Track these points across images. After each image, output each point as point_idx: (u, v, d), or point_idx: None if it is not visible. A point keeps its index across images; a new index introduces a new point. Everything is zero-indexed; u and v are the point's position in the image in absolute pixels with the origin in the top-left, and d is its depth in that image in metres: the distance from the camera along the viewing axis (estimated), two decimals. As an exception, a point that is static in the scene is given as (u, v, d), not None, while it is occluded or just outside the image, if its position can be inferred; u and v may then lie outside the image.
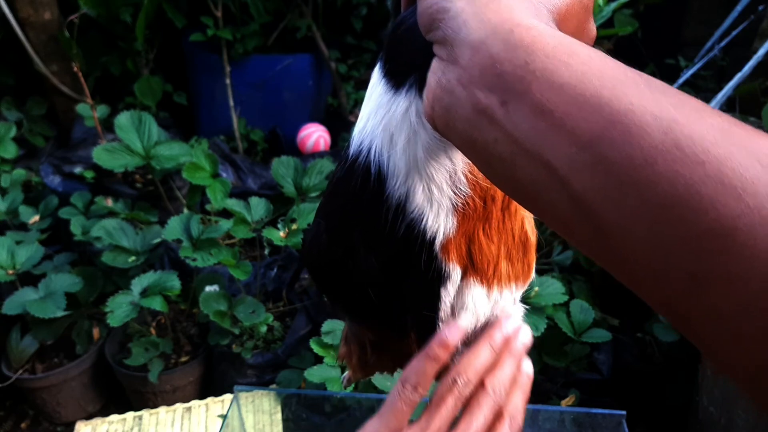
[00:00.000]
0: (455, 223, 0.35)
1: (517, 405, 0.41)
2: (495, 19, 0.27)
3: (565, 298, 1.28)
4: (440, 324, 0.39)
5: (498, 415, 0.40)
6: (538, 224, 0.41)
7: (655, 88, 0.23)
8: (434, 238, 0.35)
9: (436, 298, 0.38)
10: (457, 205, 0.35)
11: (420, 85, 0.32)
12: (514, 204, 0.37)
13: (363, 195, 0.35)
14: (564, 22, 0.29)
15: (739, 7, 1.76)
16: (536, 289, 1.29)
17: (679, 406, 1.42)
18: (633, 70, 0.25)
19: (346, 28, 2.57)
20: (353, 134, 0.37)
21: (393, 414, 0.38)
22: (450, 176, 0.34)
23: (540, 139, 0.24)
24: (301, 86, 2.42)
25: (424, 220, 0.35)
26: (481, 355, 0.39)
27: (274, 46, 2.39)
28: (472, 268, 0.37)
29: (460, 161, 0.34)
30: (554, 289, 1.29)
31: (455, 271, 0.37)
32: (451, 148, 0.33)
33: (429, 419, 0.38)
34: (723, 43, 1.79)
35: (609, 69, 0.24)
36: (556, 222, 0.26)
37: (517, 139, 0.25)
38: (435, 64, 0.29)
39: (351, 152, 0.36)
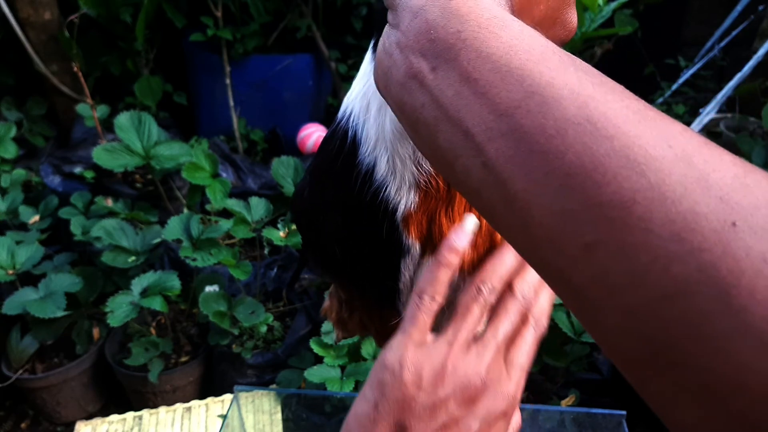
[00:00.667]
0: (417, 199, 0.36)
1: (543, 307, 0.40)
2: None
3: (565, 298, 1.28)
4: (400, 295, 0.40)
5: (524, 318, 0.39)
6: None
7: (580, 68, 0.24)
8: (395, 210, 0.36)
9: (396, 270, 0.39)
10: (419, 182, 0.35)
11: None
12: None
13: (339, 157, 0.37)
14: (527, 8, 0.30)
15: (739, 7, 1.76)
16: (536, 289, 1.29)
17: (679, 406, 1.42)
18: (564, 52, 0.25)
19: (346, 28, 2.57)
20: (344, 99, 0.39)
21: (416, 327, 0.37)
22: (413, 152, 0.35)
23: (463, 105, 0.25)
24: (301, 86, 2.42)
25: (387, 190, 0.35)
26: (506, 261, 0.39)
27: (274, 46, 2.39)
28: (431, 246, 0.38)
29: None
30: (554, 289, 1.29)
31: (414, 247, 0.38)
32: None
33: (456, 330, 0.37)
34: (723, 43, 1.79)
35: (538, 46, 0.25)
36: (468, 189, 0.26)
37: (442, 104, 0.26)
38: (385, 28, 0.30)
39: (338, 116, 0.38)
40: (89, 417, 1.32)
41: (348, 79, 2.64)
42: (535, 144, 0.23)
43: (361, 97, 0.36)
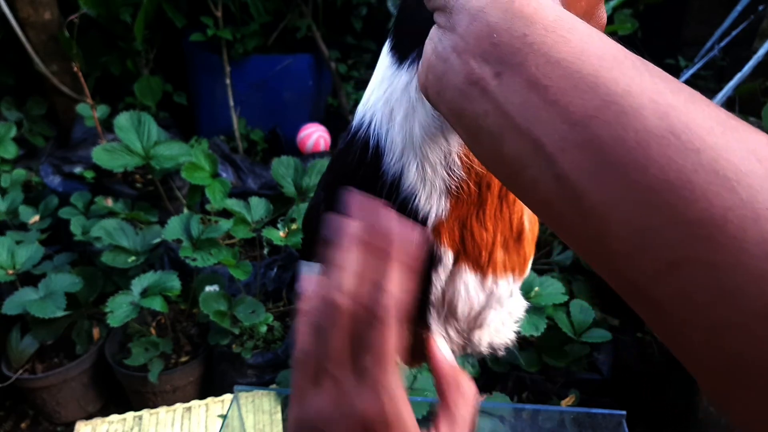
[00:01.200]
0: (448, 206, 0.34)
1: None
2: None
3: (565, 298, 1.28)
4: (431, 307, 0.38)
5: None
6: (540, 224, 0.40)
7: (655, 74, 0.23)
8: (426, 219, 0.34)
9: (427, 281, 0.37)
10: (450, 187, 0.34)
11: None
12: (501, 185, 0.36)
13: (360, 169, 0.35)
14: (573, 3, 0.29)
15: (739, 7, 1.76)
16: (536, 289, 1.29)
17: (679, 406, 1.42)
18: (634, 55, 0.24)
19: (346, 28, 2.58)
20: (358, 108, 0.37)
21: (293, 386, 0.33)
22: (444, 157, 0.33)
23: (531, 114, 0.24)
24: (301, 86, 2.42)
25: (417, 199, 0.34)
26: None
27: (274, 46, 2.39)
28: (464, 254, 0.36)
29: (455, 143, 0.33)
30: (554, 289, 1.29)
31: (447, 256, 0.36)
32: (448, 128, 0.33)
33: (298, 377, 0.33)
34: (723, 43, 1.79)
35: (609, 49, 0.24)
36: (536, 200, 0.26)
37: (507, 112, 0.25)
38: (433, 31, 0.28)
39: (353, 125, 0.36)
40: (89, 417, 1.32)
41: (348, 79, 2.64)
42: (615, 156, 0.22)
43: (383, 103, 0.34)
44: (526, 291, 1.30)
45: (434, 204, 0.34)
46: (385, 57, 0.34)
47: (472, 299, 0.38)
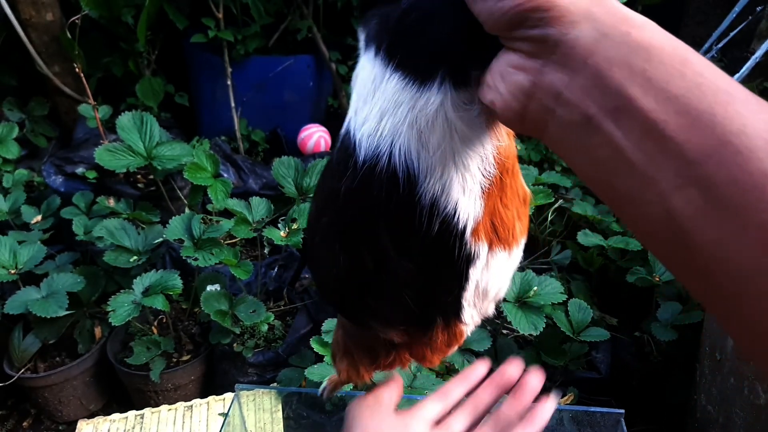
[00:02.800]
0: (482, 204, 0.35)
1: None
2: (608, 20, 0.25)
3: (564, 297, 1.29)
4: (465, 303, 0.39)
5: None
6: (539, 224, 0.42)
7: (765, 109, 0.23)
8: (466, 227, 0.35)
9: (465, 280, 0.37)
10: (483, 187, 0.34)
11: (454, 78, 0.31)
12: (513, 163, 0.37)
13: (390, 202, 0.33)
14: None
15: (737, 8, 1.77)
16: (535, 288, 1.30)
17: (678, 405, 1.43)
18: (745, 89, 0.24)
19: (346, 29, 2.58)
20: (358, 138, 0.33)
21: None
22: (482, 161, 0.34)
23: (647, 151, 0.24)
24: (301, 87, 2.43)
25: (458, 211, 0.34)
26: None
27: (274, 48, 2.40)
28: (497, 239, 0.37)
29: (489, 145, 0.34)
30: (553, 288, 1.30)
31: (483, 249, 0.36)
32: (484, 134, 0.33)
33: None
34: (721, 44, 1.79)
35: (722, 83, 0.24)
36: (643, 230, 0.26)
37: (622, 149, 0.25)
38: (520, 60, 0.28)
39: (363, 159, 0.33)
40: (91, 416, 1.33)
41: (348, 80, 2.64)
42: (729, 197, 0.22)
43: (408, 128, 0.32)
44: (525, 290, 1.31)
45: (472, 209, 0.34)
46: (387, 78, 0.32)
47: (504, 277, 0.39)
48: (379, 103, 0.32)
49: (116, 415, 1.26)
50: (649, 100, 0.24)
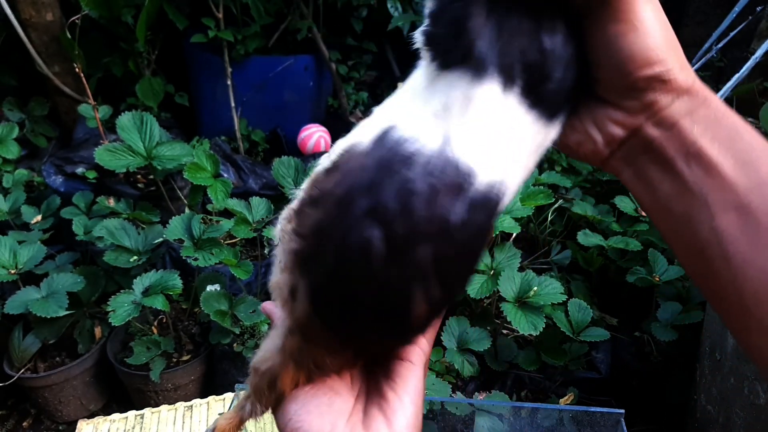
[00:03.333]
0: None
1: None
2: (702, 93, 0.36)
3: (564, 297, 1.29)
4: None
5: None
6: (539, 224, 0.43)
7: None
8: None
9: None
10: None
11: (568, 116, 0.37)
12: None
13: (486, 226, 0.34)
14: None
15: (737, 8, 1.77)
16: (535, 288, 1.30)
17: (678, 405, 1.43)
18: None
19: (346, 29, 2.59)
20: (470, 166, 0.32)
21: None
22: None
23: (706, 184, 0.34)
24: (301, 87, 2.43)
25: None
26: None
27: (274, 48, 2.40)
28: None
29: None
30: (553, 288, 1.30)
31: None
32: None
33: None
34: (721, 44, 1.79)
35: (755, 137, 0.34)
36: (689, 247, 0.36)
37: (687, 182, 0.35)
38: (621, 116, 0.37)
39: (478, 187, 0.32)
40: (91, 416, 1.33)
41: (348, 80, 2.64)
42: (763, 222, 0.31)
43: (525, 159, 0.35)
44: (525, 290, 1.31)
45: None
46: (524, 115, 0.33)
47: None
48: (503, 134, 0.33)
49: (116, 415, 1.26)
50: (714, 150, 0.34)
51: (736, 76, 1.54)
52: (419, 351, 0.41)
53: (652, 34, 0.34)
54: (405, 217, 0.31)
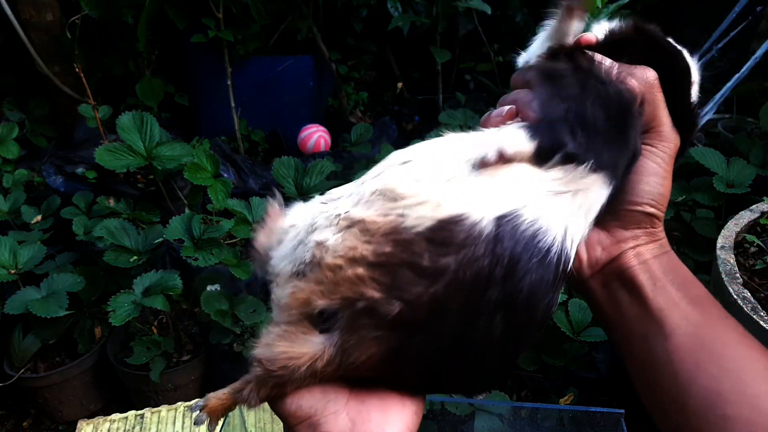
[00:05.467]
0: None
1: None
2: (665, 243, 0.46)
3: (564, 297, 1.29)
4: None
5: None
6: None
7: None
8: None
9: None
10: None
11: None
12: None
13: (557, 278, 0.38)
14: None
15: (737, 8, 1.77)
16: (535, 288, 1.29)
17: (678, 405, 1.42)
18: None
19: (346, 29, 2.59)
20: (541, 227, 0.36)
21: None
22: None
23: (667, 309, 0.42)
24: (301, 87, 2.43)
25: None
26: None
27: (275, 48, 2.40)
28: None
29: None
30: (553, 288, 1.30)
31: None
32: None
33: None
34: (721, 44, 1.79)
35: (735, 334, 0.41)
36: (642, 362, 0.43)
37: (650, 307, 0.43)
38: (606, 241, 0.46)
39: (553, 242, 0.37)
40: (91, 416, 1.33)
41: (348, 80, 2.64)
42: (708, 348, 0.40)
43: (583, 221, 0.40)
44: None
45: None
46: (591, 181, 0.39)
47: None
48: (569, 196, 0.38)
49: (116, 415, 1.26)
50: (674, 288, 0.43)
51: (737, 76, 1.54)
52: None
53: (666, 186, 0.44)
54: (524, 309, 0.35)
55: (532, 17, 2.47)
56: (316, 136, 2.33)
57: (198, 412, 0.45)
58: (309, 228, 0.39)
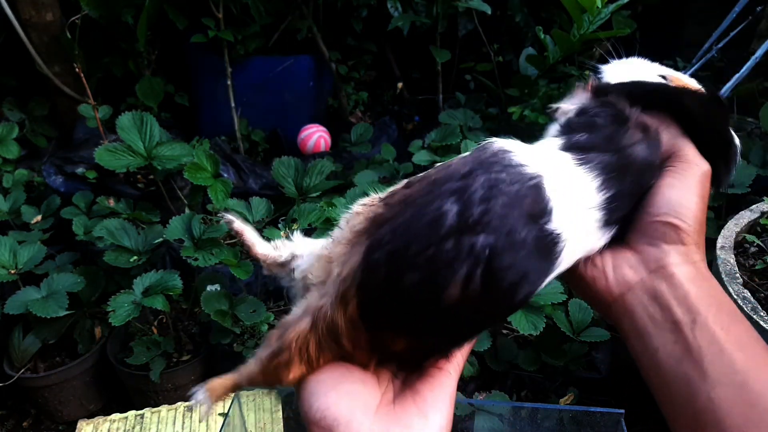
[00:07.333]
0: None
1: None
2: (703, 269, 0.41)
3: (564, 297, 1.29)
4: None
5: None
6: None
7: None
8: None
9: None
10: None
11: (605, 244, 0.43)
12: None
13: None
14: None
15: (737, 8, 1.77)
16: (535, 288, 1.30)
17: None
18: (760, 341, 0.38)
19: (346, 29, 2.58)
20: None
21: None
22: None
23: (709, 351, 0.38)
24: (301, 87, 2.43)
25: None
26: None
27: (275, 48, 2.40)
28: None
29: None
30: (553, 288, 1.30)
31: None
32: None
33: None
34: (721, 44, 1.80)
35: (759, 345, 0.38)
36: (683, 410, 0.39)
37: (691, 347, 0.39)
38: (636, 262, 0.42)
39: (548, 230, 0.38)
40: (91, 416, 1.33)
41: (348, 80, 2.64)
42: (755, 399, 0.35)
43: (574, 235, 0.41)
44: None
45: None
46: (594, 210, 0.40)
47: None
48: (580, 209, 0.40)
49: (116, 415, 1.26)
50: (718, 326, 0.37)
51: (736, 76, 1.54)
52: (455, 364, 0.42)
53: (692, 201, 0.41)
54: (482, 207, 0.35)
55: (532, 17, 2.47)
56: (316, 136, 2.33)
57: (199, 391, 0.46)
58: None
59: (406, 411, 0.38)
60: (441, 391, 0.40)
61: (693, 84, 0.48)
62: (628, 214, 0.43)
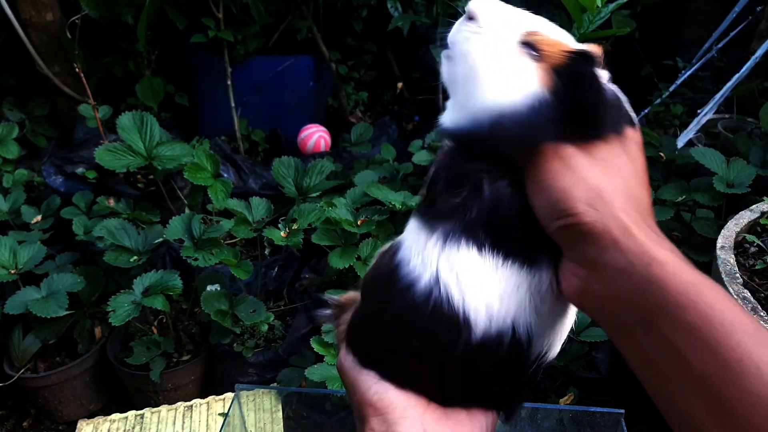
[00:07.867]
0: None
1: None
2: (635, 249, 0.33)
3: (564, 297, 1.29)
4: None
5: None
6: None
7: (763, 341, 0.29)
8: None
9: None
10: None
11: (553, 264, 0.39)
12: None
13: (507, 364, 0.40)
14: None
15: (737, 8, 1.77)
16: (535, 288, 1.30)
17: (678, 405, 1.42)
18: (749, 317, 0.31)
19: (346, 29, 2.58)
20: (472, 318, 0.38)
21: None
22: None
23: (665, 361, 0.32)
24: (301, 87, 2.43)
25: (549, 349, 0.43)
26: None
27: (274, 48, 2.40)
28: None
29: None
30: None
31: None
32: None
33: None
34: (721, 44, 1.80)
35: (729, 316, 0.30)
36: (666, 400, 0.34)
37: (648, 354, 0.33)
38: (575, 267, 0.36)
39: (482, 336, 0.38)
40: (91, 416, 1.33)
41: (348, 80, 2.64)
42: (724, 404, 0.29)
43: (528, 306, 0.39)
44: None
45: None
46: (498, 266, 0.38)
47: None
48: (497, 286, 0.38)
49: (116, 415, 1.26)
50: (665, 325, 0.31)
51: (737, 75, 1.54)
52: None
53: (553, 192, 0.36)
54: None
55: (531, 17, 2.47)
56: (316, 136, 2.33)
57: (332, 300, 0.50)
58: None
59: (455, 409, 0.41)
60: None
61: (569, 44, 0.40)
62: (534, 236, 0.38)
